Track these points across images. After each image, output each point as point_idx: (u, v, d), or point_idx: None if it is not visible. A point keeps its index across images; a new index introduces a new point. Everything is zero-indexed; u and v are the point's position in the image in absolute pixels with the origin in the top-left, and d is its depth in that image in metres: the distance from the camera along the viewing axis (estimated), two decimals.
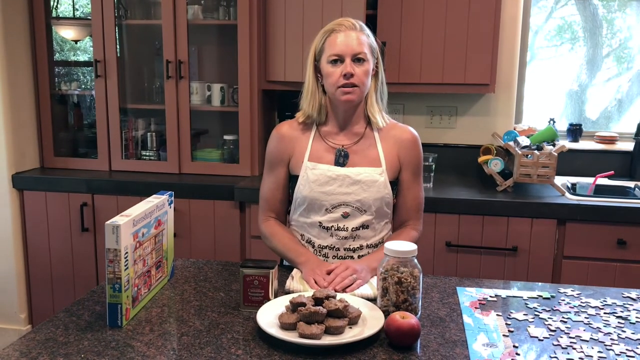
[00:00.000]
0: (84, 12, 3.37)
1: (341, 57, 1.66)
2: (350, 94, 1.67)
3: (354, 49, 1.66)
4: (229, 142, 3.07)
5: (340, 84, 1.66)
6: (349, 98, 1.68)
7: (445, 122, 3.19)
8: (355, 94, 1.68)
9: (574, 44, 3.28)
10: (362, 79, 1.67)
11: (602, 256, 2.54)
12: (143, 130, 3.17)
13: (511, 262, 2.60)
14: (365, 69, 1.67)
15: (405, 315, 1.29)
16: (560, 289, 1.63)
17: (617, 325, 1.41)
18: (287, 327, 1.30)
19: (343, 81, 1.66)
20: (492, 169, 2.75)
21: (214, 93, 3.06)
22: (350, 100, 1.69)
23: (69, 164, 3.15)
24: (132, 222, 1.37)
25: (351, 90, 1.67)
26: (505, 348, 1.28)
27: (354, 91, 1.67)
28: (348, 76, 1.65)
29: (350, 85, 1.66)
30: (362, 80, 1.67)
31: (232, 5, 2.97)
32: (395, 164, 1.77)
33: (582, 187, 2.89)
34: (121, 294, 1.34)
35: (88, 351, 1.25)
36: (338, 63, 1.67)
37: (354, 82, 1.66)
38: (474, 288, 1.62)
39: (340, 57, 1.66)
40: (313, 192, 1.73)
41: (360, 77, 1.66)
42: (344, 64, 1.66)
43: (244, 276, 1.45)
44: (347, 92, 1.67)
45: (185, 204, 2.83)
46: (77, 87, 3.31)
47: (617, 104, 3.28)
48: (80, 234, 2.96)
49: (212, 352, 1.25)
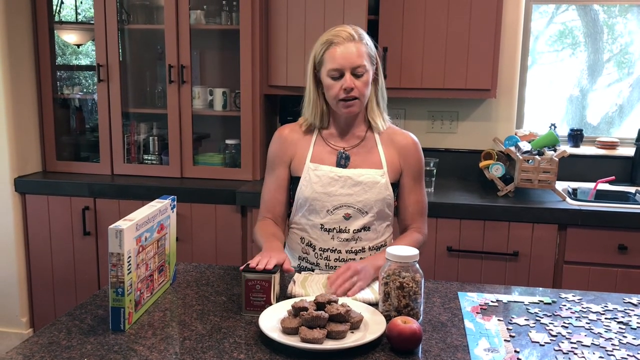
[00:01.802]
0: (87, 17, 3.38)
1: (341, 71, 1.67)
2: (352, 107, 1.70)
3: (353, 63, 1.66)
4: (231, 147, 3.08)
5: (340, 97, 1.68)
6: (350, 111, 1.71)
7: (446, 127, 3.20)
8: (356, 105, 1.70)
9: (575, 49, 3.29)
10: (362, 91, 1.69)
11: (603, 261, 2.54)
12: (145, 134, 3.18)
13: (512, 267, 2.61)
14: (364, 81, 1.69)
15: (406, 320, 1.29)
16: (561, 294, 1.63)
17: (618, 330, 1.42)
18: (289, 331, 1.30)
19: (343, 95, 1.67)
20: (493, 174, 2.76)
21: (216, 97, 3.07)
22: (351, 112, 1.72)
23: (71, 167, 3.16)
24: (135, 226, 1.37)
25: (352, 103, 1.69)
26: (507, 353, 1.29)
27: (355, 104, 1.70)
28: (348, 90, 1.67)
29: (351, 99, 1.68)
30: (362, 92, 1.69)
31: (234, 10, 2.99)
32: (396, 167, 1.79)
33: (583, 193, 2.89)
34: (124, 298, 1.34)
35: (91, 355, 1.25)
36: (338, 77, 1.68)
37: (354, 95, 1.68)
38: (475, 293, 1.63)
39: (340, 70, 1.67)
40: (315, 193, 1.74)
41: (360, 90, 1.68)
42: (344, 77, 1.67)
43: (246, 280, 1.45)
44: (349, 106, 1.69)
45: (187, 208, 2.84)
46: (79, 91, 3.32)
47: (618, 109, 3.29)
48: (82, 237, 2.97)
49: (214, 356, 1.26)
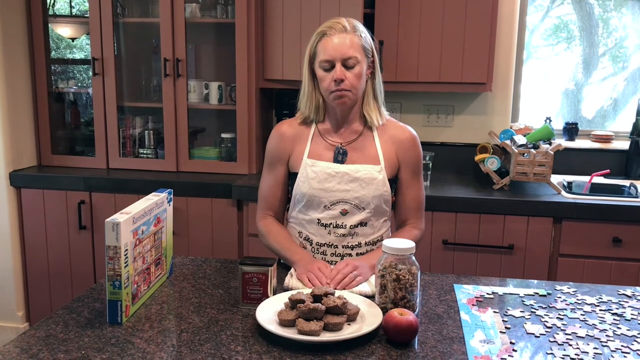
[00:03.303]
0: (81, 10, 3.37)
1: (332, 62, 1.67)
2: (342, 99, 1.69)
3: (344, 54, 1.66)
4: (227, 141, 3.07)
5: (332, 89, 1.68)
6: (341, 102, 1.70)
7: (442, 120, 3.20)
8: (348, 97, 1.69)
9: (570, 43, 3.30)
10: (353, 83, 1.68)
11: (598, 254, 2.56)
12: (141, 128, 3.17)
13: (508, 260, 2.62)
14: (356, 73, 1.68)
15: (403, 312, 1.30)
16: (556, 286, 1.65)
17: (612, 322, 1.43)
18: (286, 323, 1.31)
19: (334, 87, 1.67)
20: (489, 167, 2.77)
21: (211, 91, 3.06)
22: (342, 103, 1.71)
23: (66, 162, 3.15)
24: (132, 219, 1.37)
25: (343, 94, 1.68)
26: (502, 344, 1.30)
27: (346, 95, 1.68)
28: (338, 82, 1.66)
29: (341, 90, 1.67)
30: (353, 84, 1.68)
31: (230, 4, 2.98)
32: (393, 162, 1.78)
33: (578, 186, 2.91)
34: (121, 291, 1.35)
35: (88, 348, 1.26)
36: (329, 68, 1.68)
37: (344, 87, 1.67)
38: (471, 285, 1.64)
39: (331, 62, 1.67)
40: (312, 189, 1.74)
41: (351, 82, 1.67)
42: (334, 69, 1.67)
43: (243, 273, 1.46)
44: (339, 97, 1.68)
45: (183, 202, 2.84)
46: (74, 85, 3.31)
47: (612, 103, 3.30)
48: (78, 231, 2.96)
49: (211, 348, 1.26)
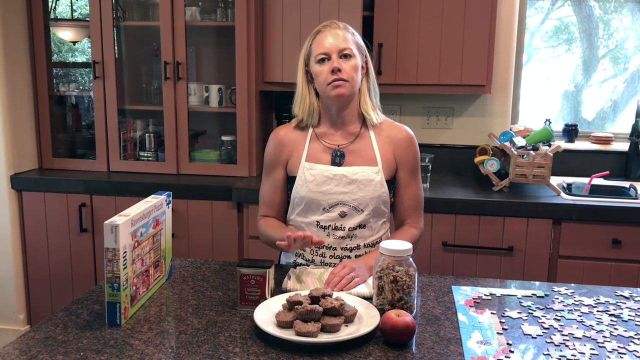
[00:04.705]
0: (82, 14, 3.38)
1: (328, 55, 1.68)
2: (341, 87, 1.68)
3: (340, 46, 1.68)
4: (227, 143, 3.08)
5: (329, 80, 1.68)
6: (339, 92, 1.68)
7: (441, 122, 3.21)
8: (346, 87, 1.68)
9: (570, 45, 3.31)
10: (350, 73, 1.68)
11: (598, 256, 2.56)
12: (141, 131, 3.18)
13: (507, 261, 2.62)
14: (353, 64, 1.69)
15: (400, 314, 1.30)
16: (554, 288, 1.65)
17: (609, 323, 1.43)
18: (283, 325, 1.31)
19: (332, 77, 1.67)
20: (488, 169, 2.77)
21: (211, 94, 3.07)
22: (340, 94, 1.69)
23: (67, 164, 3.17)
24: (131, 221, 1.38)
25: (340, 83, 1.68)
26: (499, 345, 1.30)
27: (344, 85, 1.68)
28: (336, 71, 1.67)
29: (339, 80, 1.68)
30: (350, 75, 1.69)
31: (229, 7, 2.99)
32: (391, 163, 1.79)
33: (577, 187, 2.91)
34: (120, 293, 1.35)
35: (87, 349, 1.26)
36: (326, 61, 1.69)
37: (342, 77, 1.67)
38: (468, 287, 1.64)
39: (327, 55, 1.68)
40: (310, 192, 1.74)
41: (348, 72, 1.68)
42: (331, 60, 1.68)
43: (241, 275, 1.46)
44: (337, 86, 1.68)
45: (183, 205, 2.84)
46: (75, 88, 3.32)
47: (612, 105, 3.30)
48: (79, 234, 2.97)
49: (209, 350, 1.27)
